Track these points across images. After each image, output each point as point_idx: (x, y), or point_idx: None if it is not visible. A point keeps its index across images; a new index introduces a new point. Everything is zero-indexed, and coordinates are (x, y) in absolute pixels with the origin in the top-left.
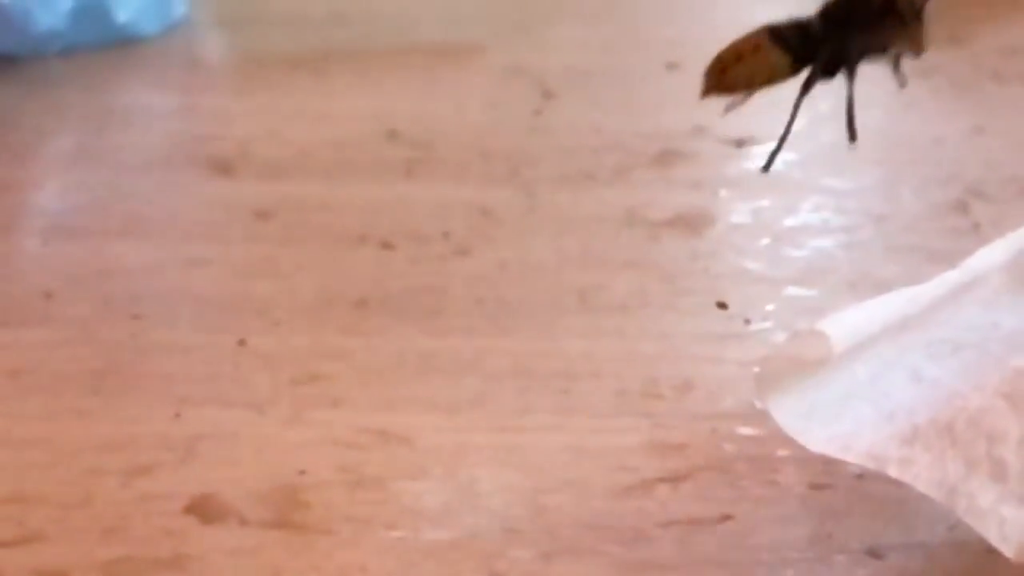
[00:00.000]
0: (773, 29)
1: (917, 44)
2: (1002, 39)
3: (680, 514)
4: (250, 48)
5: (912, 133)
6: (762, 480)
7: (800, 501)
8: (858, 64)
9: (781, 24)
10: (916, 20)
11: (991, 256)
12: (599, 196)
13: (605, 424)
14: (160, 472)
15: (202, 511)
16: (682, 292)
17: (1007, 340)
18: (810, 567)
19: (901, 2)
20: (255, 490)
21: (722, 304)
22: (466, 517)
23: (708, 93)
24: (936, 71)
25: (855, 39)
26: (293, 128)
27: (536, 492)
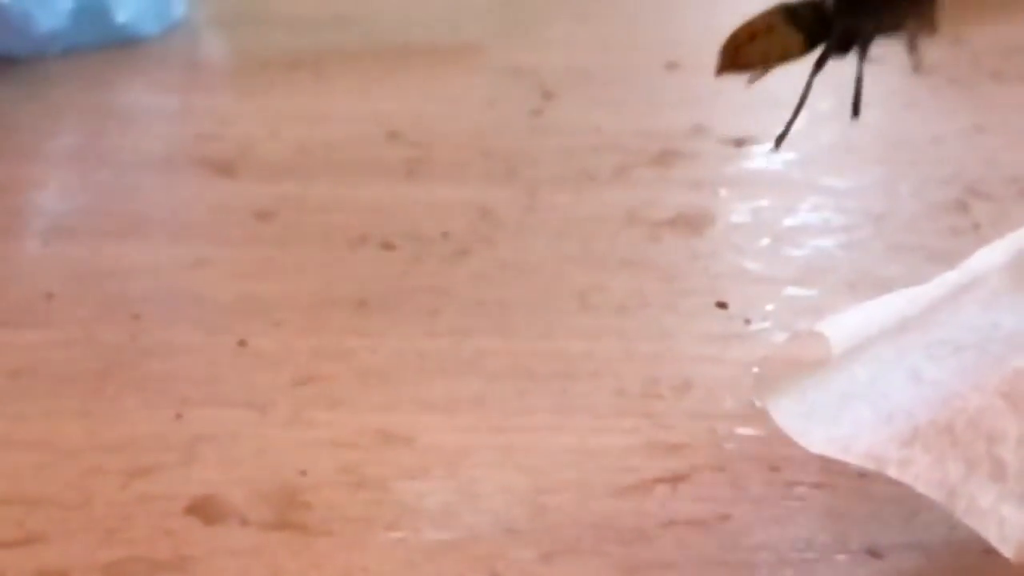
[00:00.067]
0: (787, 7)
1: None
2: (1002, 38)
3: (680, 514)
4: (250, 49)
5: (912, 132)
6: (762, 480)
7: (800, 501)
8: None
9: (795, 2)
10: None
11: (991, 257)
12: (599, 196)
13: (605, 424)
14: (161, 473)
15: (203, 512)
16: (682, 292)
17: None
18: (810, 567)
19: None
20: (256, 491)
21: (722, 304)
22: (467, 517)
23: (723, 71)
24: (936, 70)
25: (868, 17)
26: (293, 128)
27: (536, 492)
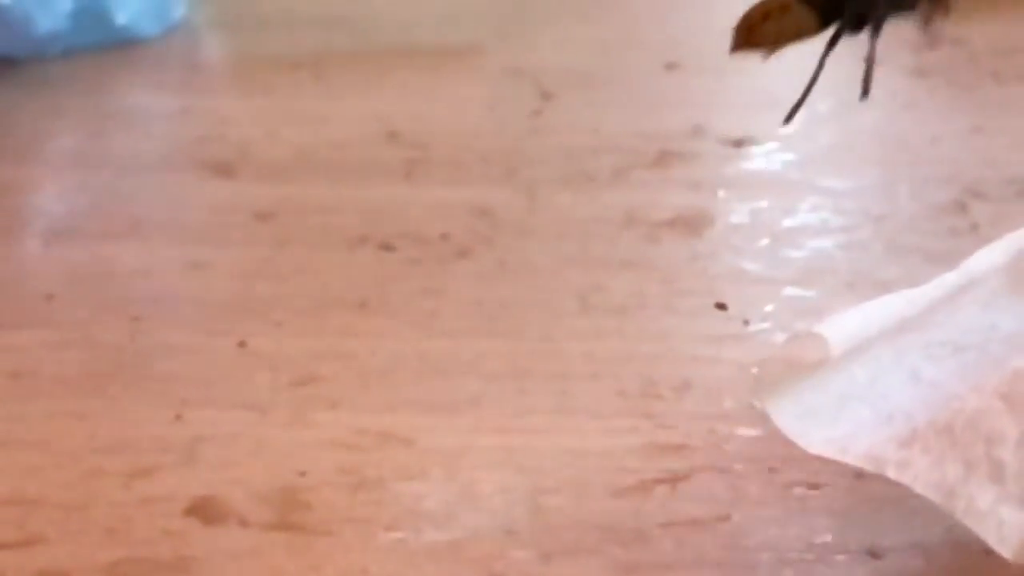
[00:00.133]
0: None
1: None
2: (1000, 39)
3: (679, 514)
4: (249, 50)
5: (910, 133)
6: (761, 481)
7: (799, 502)
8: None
9: None
10: None
11: (989, 258)
12: (598, 197)
13: (604, 425)
14: (161, 474)
15: (203, 512)
16: (681, 293)
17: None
18: (809, 567)
19: None
20: (256, 491)
21: (721, 305)
22: (466, 518)
23: (736, 49)
24: (934, 71)
25: None
26: (293, 130)
27: (536, 493)
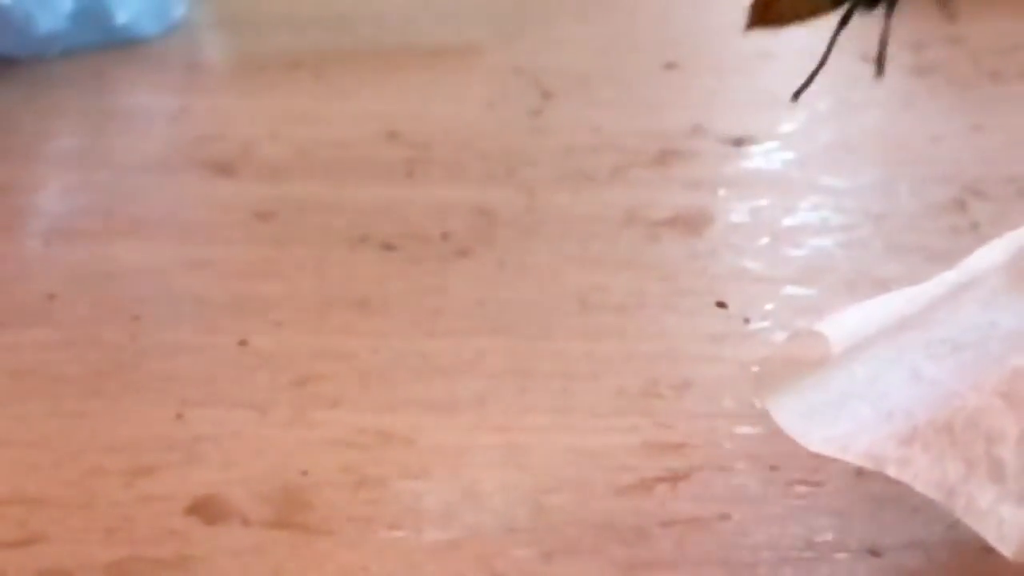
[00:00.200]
0: None
1: None
2: (1000, 37)
3: (680, 513)
4: (250, 49)
5: (910, 132)
6: (761, 479)
7: (800, 500)
8: None
9: None
10: None
11: (990, 256)
12: (598, 196)
13: (605, 424)
14: (162, 473)
15: (204, 511)
16: (681, 292)
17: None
18: (810, 566)
19: None
20: (257, 490)
21: (721, 303)
22: (467, 517)
23: (752, 27)
24: (934, 70)
25: None
26: (293, 129)
27: (536, 492)
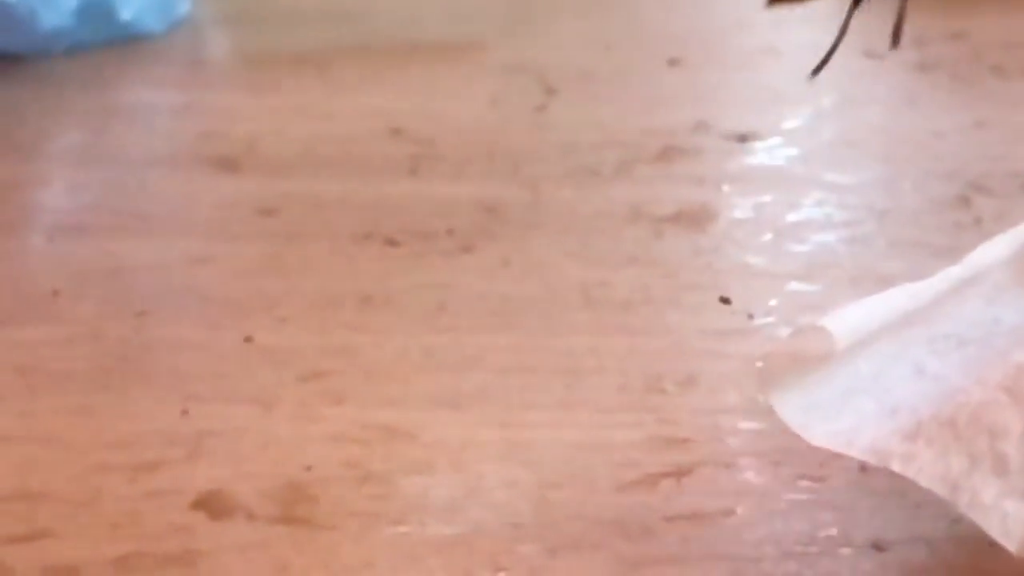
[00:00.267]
0: None
1: None
2: (1003, 33)
3: (684, 508)
4: (254, 46)
5: (913, 128)
6: (765, 474)
7: (803, 495)
8: None
9: None
10: None
11: (993, 252)
12: (602, 192)
13: (609, 419)
14: (168, 468)
15: (210, 507)
16: (685, 288)
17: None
18: (813, 560)
19: None
20: (262, 486)
21: (725, 299)
22: (472, 512)
23: (773, 4)
24: (937, 66)
25: None
26: (298, 126)
27: (541, 487)
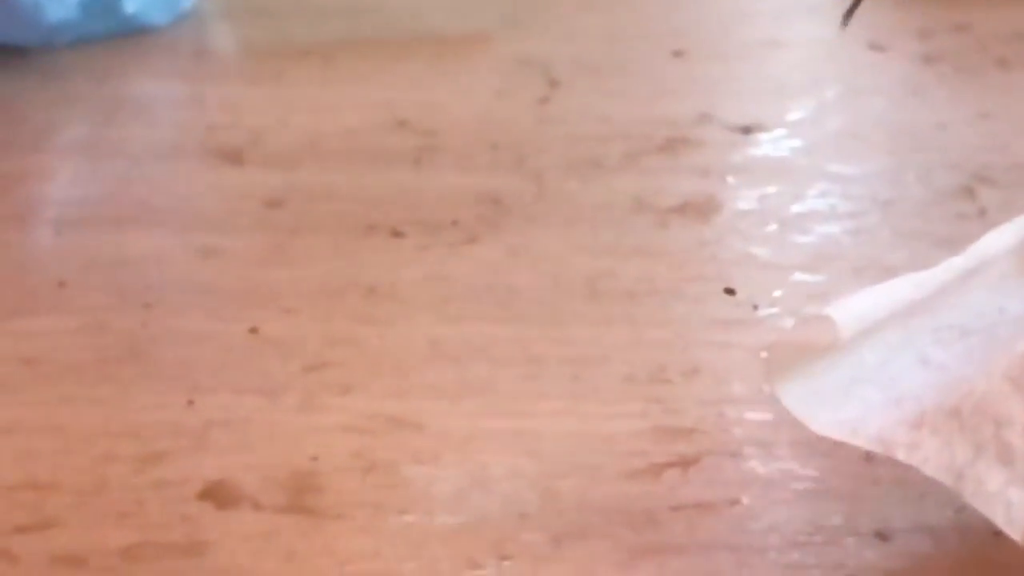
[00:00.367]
0: None
1: None
2: (1007, 25)
3: (689, 498)
4: (259, 38)
5: (918, 119)
6: (770, 464)
7: (808, 484)
8: None
9: None
10: None
11: (998, 241)
12: (607, 183)
13: (614, 409)
14: (174, 458)
15: (216, 496)
16: (690, 278)
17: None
18: (818, 550)
19: None
20: (269, 476)
21: (730, 290)
22: (477, 501)
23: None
24: (941, 58)
25: None
26: (302, 117)
27: (546, 477)
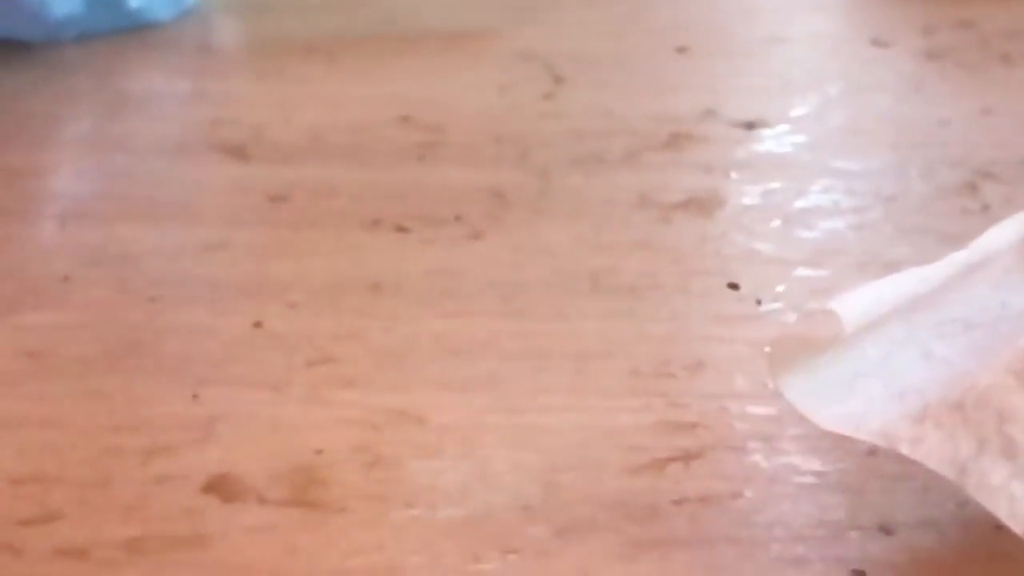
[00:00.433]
0: None
1: None
2: (1010, 21)
3: (692, 492)
4: (263, 33)
5: (921, 115)
6: (773, 458)
7: (811, 478)
8: None
9: None
10: None
11: (1000, 236)
12: (610, 179)
13: (618, 404)
14: (179, 452)
15: (220, 490)
16: (693, 273)
17: (1017, 319)
18: (822, 544)
19: None
20: (272, 469)
21: (733, 285)
22: (481, 495)
23: None
24: (944, 54)
25: None
26: (306, 113)
27: (550, 470)
